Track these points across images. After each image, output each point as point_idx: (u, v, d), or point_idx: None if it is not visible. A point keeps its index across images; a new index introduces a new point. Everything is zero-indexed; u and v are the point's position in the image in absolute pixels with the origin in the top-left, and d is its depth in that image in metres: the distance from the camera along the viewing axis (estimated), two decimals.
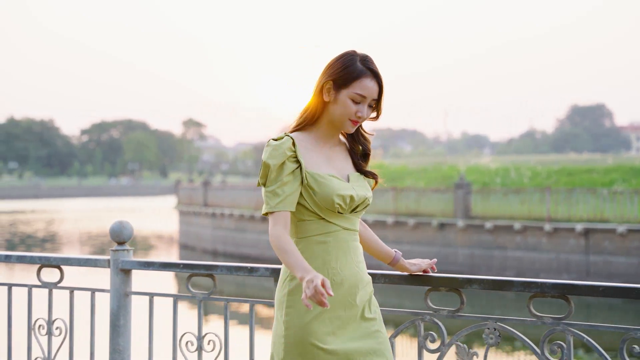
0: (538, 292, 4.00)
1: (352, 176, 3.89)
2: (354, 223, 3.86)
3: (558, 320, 3.99)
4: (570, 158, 48.41)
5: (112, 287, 5.15)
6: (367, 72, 3.79)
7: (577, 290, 3.90)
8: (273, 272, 4.67)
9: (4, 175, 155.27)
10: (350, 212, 3.81)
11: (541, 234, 28.84)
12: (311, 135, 3.88)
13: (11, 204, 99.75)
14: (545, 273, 28.43)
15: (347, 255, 3.80)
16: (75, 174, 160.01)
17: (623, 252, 26.98)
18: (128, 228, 5.16)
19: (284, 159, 3.72)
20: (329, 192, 3.72)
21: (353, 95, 3.76)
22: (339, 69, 3.80)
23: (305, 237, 3.79)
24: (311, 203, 3.75)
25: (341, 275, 3.76)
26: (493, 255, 30.02)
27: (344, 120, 3.80)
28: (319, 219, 3.77)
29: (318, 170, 3.79)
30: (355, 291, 3.80)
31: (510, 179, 36.53)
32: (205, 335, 4.93)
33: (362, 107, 3.79)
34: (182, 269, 5.00)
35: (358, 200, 3.80)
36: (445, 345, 4.29)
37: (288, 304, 3.74)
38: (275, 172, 3.72)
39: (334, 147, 3.94)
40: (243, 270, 4.79)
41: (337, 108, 3.80)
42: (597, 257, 27.54)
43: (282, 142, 3.76)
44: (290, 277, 3.77)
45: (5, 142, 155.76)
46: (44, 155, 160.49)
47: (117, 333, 5.11)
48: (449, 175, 38.56)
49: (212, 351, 4.90)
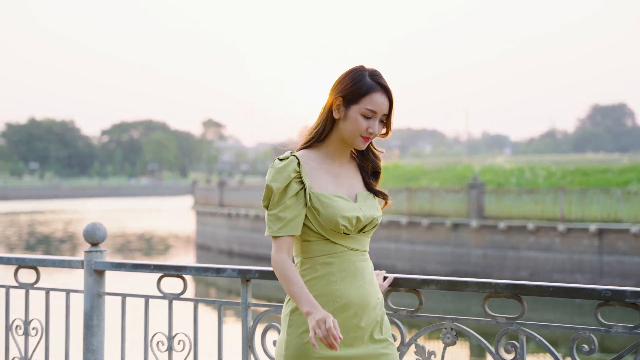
0: (492, 293, 4.08)
1: (360, 195, 3.81)
2: (362, 243, 3.77)
3: (512, 320, 4.07)
4: (587, 158, 48.10)
5: (85, 288, 5.22)
6: (377, 87, 3.73)
7: (528, 291, 3.98)
8: (240, 273, 4.74)
9: (25, 175, 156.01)
10: (358, 232, 3.73)
11: (555, 234, 28.79)
12: (320, 152, 3.82)
13: (32, 204, 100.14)
14: (558, 273, 28.40)
15: (354, 276, 3.71)
16: (96, 175, 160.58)
17: (636, 252, 26.92)
18: (101, 230, 5.24)
19: (287, 182, 3.65)
20: (333, 214, 3.65)
21: (364, 111, 3.70)
22: (349, 84, 3.74)
23: (310, 257, 3.72)
24: (315, 224, 3.68)
25: (346, 298, 3.67)
26: (506, 256, 29.99)
27: (355, 137, 3.74)
28: (323, 240, 3.70)
29: (324, 190, 3.71)
30: (361, 313, 3.70)
31: (525, 179, 36.42)
32: (176, 335, 5.01)
33: (373, 123, 3.72)
34: (152, 270, 5.07)
35: (365, 220, 3.72)
36: (404, 344, 4.36)
37: (289, 323, 3.69)
38: (278, 196, 3.65)
39: (344, 165, 3.87)
40: (211, 271, 4.87)
41: (347, 125, 3.74)
42: (611, 257, 27.48)
43: (286, 163, 3.69)
44: None
45: (26, 143, 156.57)
46: (64, 155, 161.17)
47: (91, 333, 5.19)
48: (464, 175, 38.50)
49: (182, 351, 4.97)
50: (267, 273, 4.70)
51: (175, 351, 5.00)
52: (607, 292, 3.79)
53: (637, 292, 3.76)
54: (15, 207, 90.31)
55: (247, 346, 4.73)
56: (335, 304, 3.65)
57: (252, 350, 4.73)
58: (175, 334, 5.01)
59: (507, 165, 41.27)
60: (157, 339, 5.02)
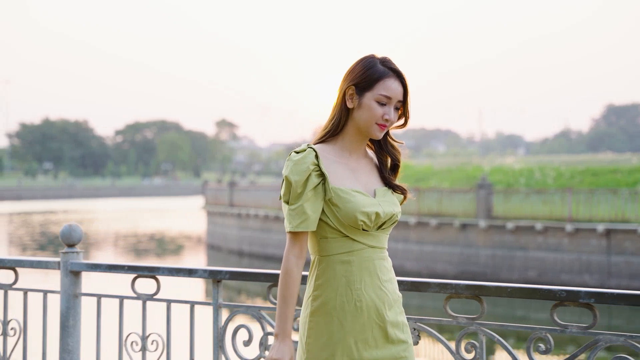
0: (453, 293, 4.14)
1: (379, 191, 3.72)
2: (381, 240, 3.70)
3: (471, 320, 4.12)
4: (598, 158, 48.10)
5: (62, 289, 5.29)
6: (390, 72, 3.65)
7: (487, 291, 4.05)
8: (210, 274, 4.80)
9: (39, 175, 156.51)
10: (377, 229, 3.66)
11: (562, 234, 28.75)
12: (336, 146, 3.73)
13: (46, 204, 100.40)
14: (566, 274, 28.37)
15: (373, 275, 3.63)
16: (109, 175, 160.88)
17: None
18: (77, 231, 5.31)
19: (307, 174, 3.56)
20: (352, 209, 3.55)
21: (378, 97, 3.62)
22: (360, 72, 3.66)
23: (328, 255, 3.62)
24: (334, 220, 3.59)
25: (366, 297, 3.59)
26: (515, 256, 29.97)
27: (371, 125, 3.64)
28: (342, 237, 3.61)
29: (342, 185, 3.61)
30: (382, 312, 3.63)
31: (534, 180, 36.41)
32: (149, 335, 5.06)
33: (388, 110, 3.64)
34: (126, 270, 5.13)
35: (384, 216, 3.63)
36: None
37: (310, 325, 3.61)
38: (299, 189, 3.56)
39: (360, 159, 3.78)
40: (183, 272, 4.93)
41: (362, 113, 3.65)
42: (619, 257, 27.44)
43: (304, 155, 3.60)
44: (313, 297, 3.64)
45: (40, 143, 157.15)
46: (78, 155, 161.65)
47: (67, 333, 5.25)
48: (474, 175, 38.51)
49: (155, 351, 5.02)
50: (237, 274, 4.76)
51: (148, 351, 5.05)
52: (562, 292, 3.87)
53: (591, 292, 3.83)
54: (29, 207, 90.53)
55: (218, 346, 4.79)
56: (355, 305, 3.59)
57: (222, 350, 4.79)
58: (149, 334, 5.06)
59: (516, 165, 41.26)
60: (132, 339, 5.08)
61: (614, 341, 3.82)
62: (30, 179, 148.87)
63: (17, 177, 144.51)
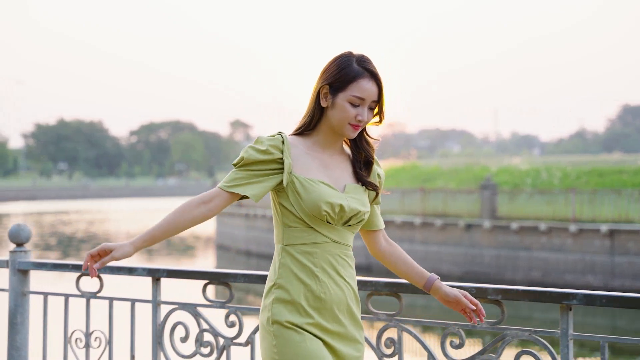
0: (374, 290, 4.24)
1: (349, 187, 3.69)
2: (346, 237, 3.66)
3: (391, 316, 4.22)
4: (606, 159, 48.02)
5: (10, 287, 5.38)
6: (364, 72, 3.60)
7: (405, 289, 4.15)
8: (149, 272, 4.90)
9: (54, 175, 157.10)
10: (343, 224, 3.63)
11: (566, 234, 28.75)
12: (309, 140, 3.71)
13: (60, 204, 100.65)
14: (570, 274, 28.37)
15: (334, 270, 3.61)
16: (124, 175, 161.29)
17: None
18: (26, 231, 5.40)
19: (264, 155, 3.58)
20: (316, 199, 3.54)
21: (351, 98, 3.58)
22: (335, 72, 3.63)
23: (292, 244, 3.60)
24: (298, 209, 3.57)
25: (327, 292, 3.58)
26: (519, 256, 29.97)
27: (344, 125, 3.61)
28: (306, 227, 3.59)
29: (308, 175, 3.61)
30: (342, 308, 3.62)
31: (540, 180, 36.38)
32: (93, 332, 5.17)
33: (361, 110, 3.60)
34: (71, 269, 5.22)
35: (349, 212, 3.60)
36: None
37: (273, 310, 3.57)
38: (248, 161, 3.59)
39: (335, 155, 3.75)
40: (124, 271, 5.03)
41: (335, 113, 3.61)
42: (622, 258, 27.41)
43: (270, 137, 3.63)
44: (277, 285, 3.61)
45: (55, 144, 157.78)
46: (93, 156, 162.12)
47: (15, 330, 5.34)
48: (481, 176, 38.49)
49: (98, 347, 5.13)
50: (174, 272, 4.86)
51: (92, 348, 5.15)
52: (472, 289, 3.96)
53: (499, 289, 3.94)
54: (42, 207, 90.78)
55: (157, 342, 4.90)
56: (319, 297, 3.56)
57: (161, 346, 4.89)
58: (92, 331, 5.17)
59: (523, 166, 41.25)
60: (76, 336, 5.19)
61: (520, 336, 3.95)
62: (45, 179, 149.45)
63: (32, 178, 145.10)
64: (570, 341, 3.85)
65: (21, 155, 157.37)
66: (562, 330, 3.86)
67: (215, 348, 4.75)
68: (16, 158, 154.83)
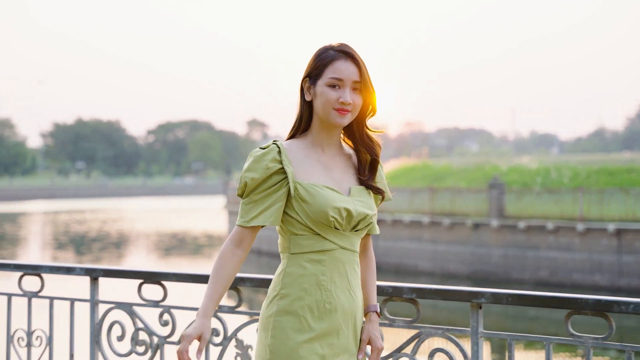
0: None
1: (354, 190, 3.56)
2: (354, 243, 3.53)
3: None
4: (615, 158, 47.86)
5: None
6: (339, 54, 3.51)
7: None
8: (87, 272, 4.93)
9: (72, 174, 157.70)
10: (350, 230, 3.51)
11: (574, 234, 28.72)
12: (307, 142, 3.58)
13: (78, 203, 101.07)
14: (578, 273, 28.34)
15: (344, 278, 3.49)
16: (141, 174, 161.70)
17: None
18: None
19: (266, 173, 3.43)
20: (323, 204, 3.40)
21: (328, 81, 3.46)
22: (312, 62, 3.55)
23: (298, 253, 3.47)
24: (304, 216, 3.43)
25: (336, 300, 3.46)
26: (526, 256, 29.96)
27: (329, 112, 3.47)
28: (313, 234, 3.46)
29: (311, 180, 3.47)
30: (349, 319, 3.50)
31: (550, 179, 36.28)
32: (34, 331, 5.19)
33: (342, 92, 3.46)
34: (13, 269, 5.25)
35: (357, 216, 3.47)
36: (226, 339, 4.55)
37: (274, 325, 3.43)
38: (253, 186, 3.43)
39: (335, 156, 3.61)
40: (62, 270, 5.06)
41: (318, 102, 3.49)
42: (630, 257, 27.37)
43: (266, 151, 3.46)
44: (280, 295, 3.48)
45: (73, 143, 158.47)
46: (110, 155, 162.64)
47: None
48: (491, 175, 38.41)
49: (39, 346, 5.15)
50: (111, 272, 4.89)
51: (33, 347, 5.18)
52: (389, 288, 4.01)
53: (413, 288, 3.98)
54: (60, 206, 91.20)
55: (95, 341, 4.92)
56: (325, 306, 3.44)
57: (98, 345, 4.92)
58: (34, 330, 5.19)
59: (533, 165, 41.16)
60: (18, 335, 5.21)
61: (433, 334, 3.99)
62: (63, 178, 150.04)
63: (50, 177, 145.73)
64: (481, 339, 3.90)
65: (39, 155, 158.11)
66: (472, 328, 3.90)
67: (150, 347, 4.78)
68: (35, 157, 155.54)
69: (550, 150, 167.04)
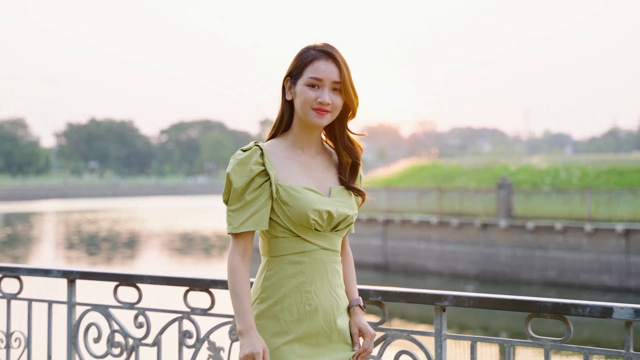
0: None
1: (334, 190, 3.56)
2: (335, 243, 3.54)
3: None
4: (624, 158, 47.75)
5: None
6: (320, 54, 3.50)
7: None
8: (64, 274, 4.96)
9: (85, 174, 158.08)
10: (330, 230, 3.50)
11: (582, 234, 28.64)
12: (287, 142, 3.57)
13: (91, 202, 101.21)
14: (585, 274, 28.26)
15: (324, 278, 3.48)
16: (154, 173, 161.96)
17: None
18: None
19: (250, 176, 3.41)
20: (303, 207, 3.40)
21: (308, 81, 3.46)
22: (293, 61, 3.55)
23: (278, 255, 3.47)
24: (284, 219, 3.43)
25: (316, 301, 3.45)
26: (534, 256, 29.89)
27: (307, 111, 3.46)
28: (293, 237, 3.45)
29: (292, 181, 3.47)
30: (332, 318, 3.49)
31: (559, 179, 36.21)
32: (13, 333, 5.23)
33: (321, 92, 3.46)
34: None
35: (337, 217, 3.48)
36: (199, 341, 4.58)
37: (257, 328, 3.41)
38: (239, 190, 3.41)
39: (315, 156, 3.61)
40: (40, 273, 5.09)
41: (298, 101, 3.49)
42: (638, 257, 27.29)
43: (249, 154, 3.44)
44: (260, 299, 3.48)
45: (86, 142, 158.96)
46: (123, 155, 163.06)
47: None
48: (500, 175, 38.37)
49: (18, 348, 5.19)
50: (87, 274, 4.92)
51: (12, 348, 5.21)
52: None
53: (379, 291, 4.02)
54: (73, 205, 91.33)
55: (72, 343, 4.95)
56: (305, 308, 3.44)
57: (75, 347, 4.95)
58: (12, 332, 5.22)
59: (542, 165, 41.08)
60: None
61: (399, 336, 4.02)
62: (76, 178, 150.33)
63: (64, 176, 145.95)
64: (444, 341, 3.93)
65: (53, 154, 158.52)
66: (436, 331, 3.94)
67: (125, 348, 4.81)
68: (48, 157, 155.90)
69: (564, 150, 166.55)
